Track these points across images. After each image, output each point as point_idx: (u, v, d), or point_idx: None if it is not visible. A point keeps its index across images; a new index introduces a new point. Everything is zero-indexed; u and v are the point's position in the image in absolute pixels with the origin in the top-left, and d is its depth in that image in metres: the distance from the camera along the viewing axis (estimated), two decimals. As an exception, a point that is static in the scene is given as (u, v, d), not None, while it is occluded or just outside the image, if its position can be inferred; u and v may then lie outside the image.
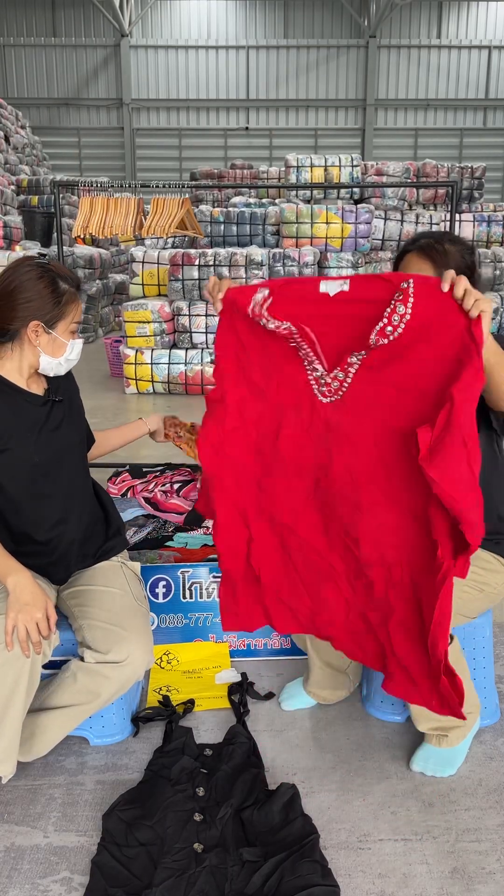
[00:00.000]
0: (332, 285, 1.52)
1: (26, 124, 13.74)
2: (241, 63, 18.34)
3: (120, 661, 1.75)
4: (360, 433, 1.55)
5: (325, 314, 1.54)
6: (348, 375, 1.54)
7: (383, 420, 1.53)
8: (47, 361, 1.82)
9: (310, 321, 1.55)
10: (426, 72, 18.45)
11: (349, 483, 1.57)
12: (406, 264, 1.80)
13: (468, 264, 1.78)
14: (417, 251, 1.78)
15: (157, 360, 6.55)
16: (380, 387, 1.51)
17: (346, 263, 7.29)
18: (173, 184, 4.85)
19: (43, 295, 1.76)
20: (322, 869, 1.51)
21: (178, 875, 1.49)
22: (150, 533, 2.58)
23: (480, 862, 1.59)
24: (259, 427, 1.65)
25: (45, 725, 1.78)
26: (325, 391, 1.58)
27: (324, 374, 1.57)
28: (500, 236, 8.70)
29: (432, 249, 1.76)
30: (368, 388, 1.53)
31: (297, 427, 1.61)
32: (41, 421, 1.85)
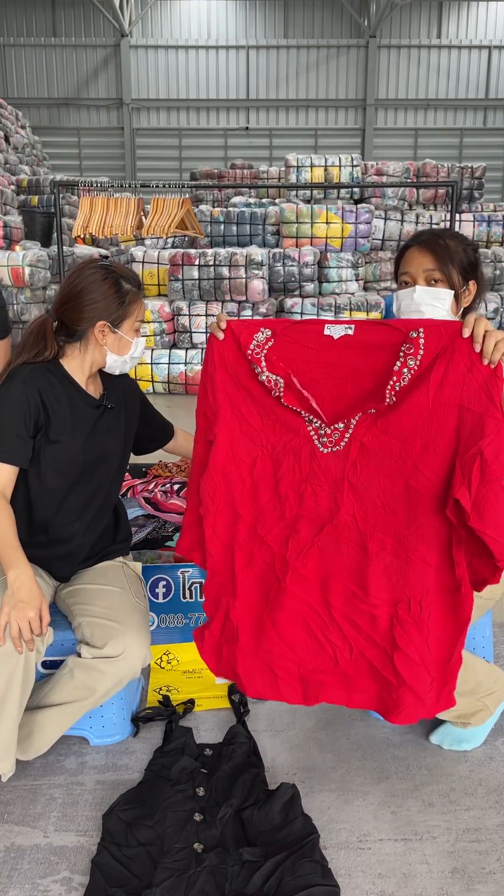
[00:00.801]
0: (337, 329, 1.54)
1: (26, 124, 13.72)
2: (241, 63, 18.33)
3: (115, 655, 1.76)
4: (365, 482, 1.54)
5: (325, 362, 1.54)
6: (349, 427, 1.54)
7: (386, 468, 1.52)
8: (114, 359, 1.88)
9: (309, 368, 1.54)
10: (426, 72, 18.43)
11: (356, 529, 1.56)
12: (408, 259, 1.79)
13: (470, 261, 1.77)
14: (419, 245, 1.78)
15: (157, 360, 6.55)
16: (381, 437, 1.51)
17: (346, 263, 7.29)
18: (173, 184, 4.86)
19: (108, 296, 1.83)
20: (322, 869, 1.51)
21: (178, 875, 1.49)
22: (150, 533, 2.58)
23: (480, 862, 1.59)
24: (254, 472, 1.61)
25: (42, 723, 1.78)
26: (326, 441, 1.56)
27: (322, 425, 1.56)
28: (500, 236, 8.71)
29: (433, 243, 1.75)
30: (370, 439, 1.52)
31: (297, 475, 1.58)
32: (92, 422, 1.90)
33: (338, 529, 1.57)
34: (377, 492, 1.54)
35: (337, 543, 1.57)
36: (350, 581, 1.57)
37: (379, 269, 8.17)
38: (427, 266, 1.74)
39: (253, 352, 1.57)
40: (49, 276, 6.76)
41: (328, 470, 1.56)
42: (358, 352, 1.53)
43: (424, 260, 1.75)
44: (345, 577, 1.57)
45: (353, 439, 1.54)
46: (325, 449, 1.57)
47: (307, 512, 1.58)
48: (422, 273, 1.75)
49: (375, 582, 1.54)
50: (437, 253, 1.74)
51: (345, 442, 1.54)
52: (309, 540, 1.58)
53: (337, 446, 1.55)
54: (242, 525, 1.62)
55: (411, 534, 1.52)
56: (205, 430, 1.65)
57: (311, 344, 1.55)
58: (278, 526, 1.61)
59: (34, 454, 1.82)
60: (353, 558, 1.56)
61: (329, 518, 1.57)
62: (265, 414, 1.59)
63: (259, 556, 1.63)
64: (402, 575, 1.54)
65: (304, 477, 1.57)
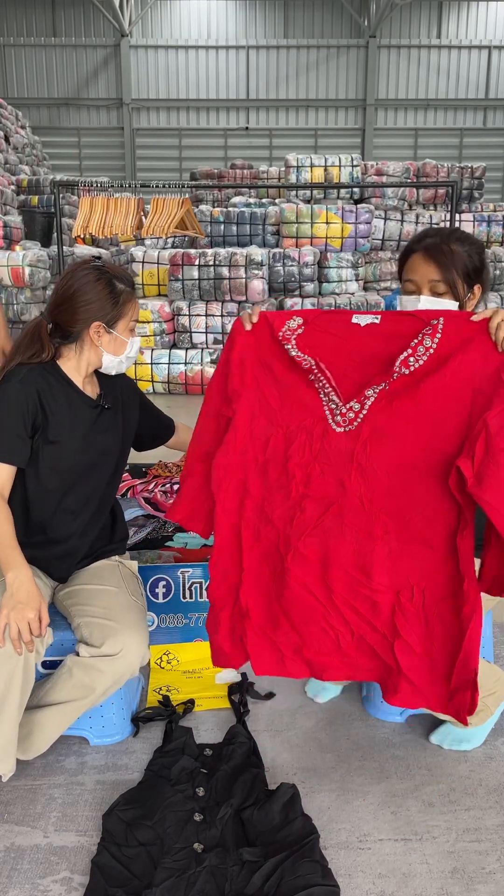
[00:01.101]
0: (365, 318, 1.60)
1: (26, 124, 13.72)
2: (241, 63, 18.33)
3: (113, 653, 1.76)
4: (374, 463, 1.55)
5: (350, 350, 1.59)
6: (364, 407, 1.56)
7: (397, 451, 1.54)
8: (110, 360, 1.88)
9: (334, 356, 1.59)
10: (426, 72, 18.43)
11: (362, 512, 1.56)
12: (411, 265, 1.78)
13: (475, 264, 1.75)
14: (423, 252, 1.75)
15: (157, 360, 6.55)
16: (395, 419, 1.54)
17: (346, 263, 7.29)
18: (173, 184, 4.86)
19: (102, 297, 1.83)
20: (322, 869, 1.51)
21: (178, 875, 1.49)
22: (150, 533, 2.58)
23: (480, 862, 1.59)
24: (266, 451, 1.63)
25: (42, 723, 1.78)
26: (340, 420, 1.59)
27: (339, 404, 1.59)
28: (500, 236, 8.71)
29: (438, 251, 1.73)
30: (383, 420, 1.54)
31: (307, 454, 1.60)
32: (90, 422, 1.90)
33: (343, 511, 1.57)
34: (385, 474, 1.54)
35: (341, 525, 1.57)
36: (352, 566, 1.57)
37: (379, 269, 8.17)
38: (432, 276, 1.72)
39: (284, 334, 1.63)
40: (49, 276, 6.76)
41: (339, 450, 1.57)
42: (380, 339, 1.57)
43: (429, 269, 1.73)
44: (347, 562, 1.57)
45: (366, 420, 1.56)
46: (338, 428, 1.58)
47: (314, 492, 1.59)
48: (426, 283, 1.73)
49: (378, 567, 1.54)
50: (441, 263, 1.71)
51: (358, 422, 1.57)
52: (314, 520, 1.59)
53: (350, 426, 1.57)
54: (250, 503, 1.64)
55: (417, 518, 1.53)
56: (218, 406, 1.67)
57: (339, 332, 1.60)
58: (284, 505, 1.61)
59: (32, 454, 1.82)
60: (356, 541, 1.56)
61: (335, 499, 1.57)
62: (285, 394, 1.63)
63: (265, 535, 1.64)
64: (405, 561, 1.54)
65: (314, 456, 1.58)
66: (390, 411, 1.54)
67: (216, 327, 6.54)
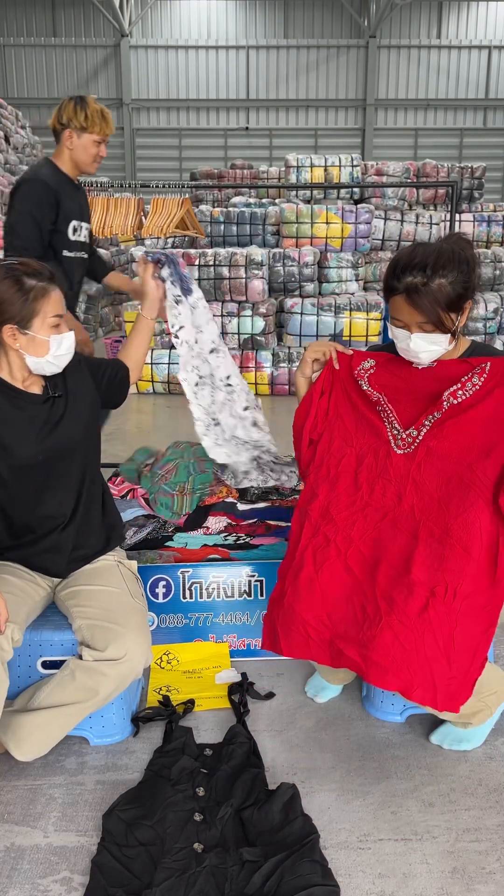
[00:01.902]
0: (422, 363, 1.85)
1: (26, 124, 13.71)
2: (241, 63, 18.33)
3: (118, 658, 1.76)
4: (425, 479, 1.81)
5: (409, 389, 1.88)
6: (420, 433, 1.83)
7: (444, 468, 1.79)
8: (34, 362, 1.81)
9: (396, 392, 1.89)
10: (426, 72, 18.44)
11: (411, 518, 1.80)
12: (395, 306, 1.75)
13: (459, 293, 1.70)
14: (405, 296, 1.71)
15: (157, 360, 6.55)
16: (444, 441, 1.80)
17: (346, 263, 7.28)
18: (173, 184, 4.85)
19: (8, 297, 1.73)
20: (322, 869, 1.51)
21: (178, 875, 1.49)
22: (150, 533, 2.58)
23: (480, 862, 1.59)
24: (340, 466, 1.92)
25: (44, 724, 1.78)
26: (401, 444, 1.86)
27: (400, 430, 1.87)
28: (500, 236, 8.70)
29: (418, 295, 1.68)
30: (435, 443, 1.81)
31: (374, 471, 1.88)
32: (42, 418, 1.86)
33: (398, 518, 1.82)
34: (435, 487, 1.79)
35: (394, 529, 1.81)
36: (398, 563, 1.76)
37: (379, 269, 8.16)
38: (418, 319, 1.72)
39: (359, 372, 1.94)
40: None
41: (398, 468, 1.85)
42: (435, 380, 1.83)
43: (413, 313, 1.71)
44: (394, 559, 1.77)
45: (422, 444, 1.82)
46: (399, 451, 1.85)
47: (375, 501, 1.85)
48: (414, 324, 1.74)
49: (419, 564, 1.72)
50: (424, 308, 1.69)
51: (415, 445, 1.83)
52: (373, 524, 1.84)
53: (409, 448, 1.84)
54: (316, 504, 1.90)
55: (458, 524, 1.73)
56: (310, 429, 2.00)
57: (402, 374, 1.89)
58: (349, 510, 1.87)
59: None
60: (404, 543, 1.78)
61: (392, 508, 1.83)
62: (359, 421, 1.93)
63: (324, 531, 1.87)
64: (443, 561, 1.71)
65: (379, 473, 1.87)
66: (441, 436, 1.80)
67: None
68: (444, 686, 1.65)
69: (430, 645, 1.65)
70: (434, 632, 1.65)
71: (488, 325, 7.05)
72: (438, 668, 1.65)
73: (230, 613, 2.38)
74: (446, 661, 1.65)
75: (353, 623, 1.76)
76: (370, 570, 1.79)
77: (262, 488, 2.77)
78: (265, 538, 2.54)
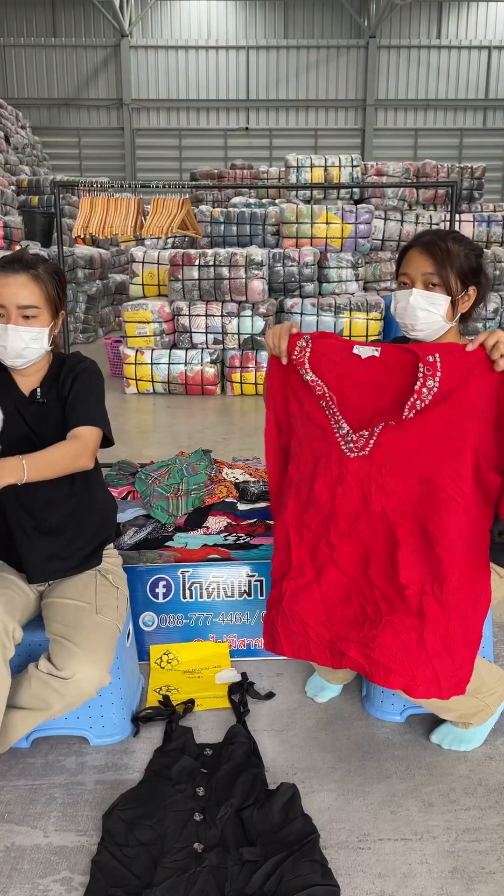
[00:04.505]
0: (365, 350, 1.72)
1: (26, 124, 13.73)
2: (241, 63, 18.33)
3: (66, 678, 1.70)
4: (390, 480, 1.70)
5: (354, 377, 1.72)
6: (373, 435, 1.69)
7: (409, 468, 1.68)
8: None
9: (341, 384, 1.73)
10: (426, 72, 18.44)
11: (385, 520, 1.71)
12: (408, 260, 1.79)
13: (472, 266, 1.75)
14: (420, 247, 1.76)
15: (157, 360, 6.55)
16: (404, 443, 1.67)
17: (346, 263, 7.28)
18: (173, 184, 4.85)
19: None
20: (322, 869, 1.51)
21: (178, 875, 1.49)
22: (150, 533, 2.58)
23: (480, 862, 1.59)
24: (299, 471, 1.82)
25: (7, 722, 1.74)
26: (353, 447, 1.72)
27: (349, 431, 1.72)
28: (500, 236, 8.70)
29: (434, 246, 1.74)
30: (393, 445, 1.68)
31: (329, 477, 1.75)
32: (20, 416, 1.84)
33: (371, 520, 1.73)
34: (402, 488, 1.69)
35: (371, 532, 1.73)
36: (386, 565, 1.72)
37: (379, 269, 8.17)
38: (426, 269, 1.74)
39: (297, 358, 1.75)
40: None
41: (356, 473, 1.71)
42: (382, 371, 1.70)
43: (424, 263, 1.74)
44: (382, 562, 1.73)
45: (377, 445, 1.69)
46: (351, 454, 1.72)
47: (341, 507, 1.75)
48: (420, 276, 1.75)
49: (405, 563, 1.68)
50: (436, 257, 1.73)
51: (370, 447, 1.70)
52: (347, 528, 1.75)
53: (363, 451, 1.71)
54: (290, 512, 1.83)
55: (435, 523, 1.66)
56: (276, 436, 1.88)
57: (343, 361, 1.73)
58: (319, 516, 1.78)
59: None
60: (386, 544, 1.72)
61: (361, 511, 1.73)
62: (307, 420, 1.78)
63: (307, 538, 1.81)
64: (427, 559, 1.68)
65: (336, 478, 1.74)
66: (399, 436, 1.67)
67: (216, 327, 6.54)
68: (448, 678, 1.67)
69: (430, 642, 1.66)
70: (432, 629, 1.66)
71: (488, 324, 7.06)
72: (440, 664, 1.66)
73: (230, 613, 2.38)
74: (448, 655, 1.66)
75: (353, 624, 1.76)
76: (362, 571, 1.76)
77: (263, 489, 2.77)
78: (265, 538, 2.54)
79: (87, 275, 9.20)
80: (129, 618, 2.06)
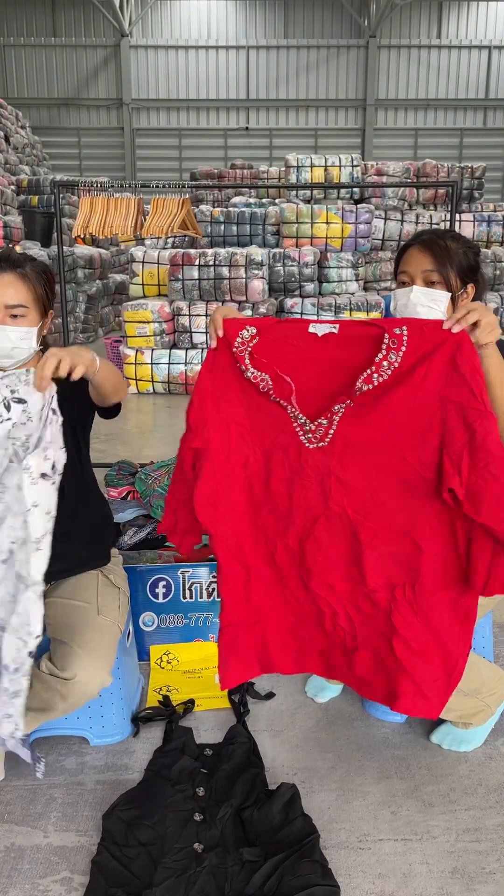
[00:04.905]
0: (322, 327, 1.55)
1: (26, 124, 13.72)
2: (241, 63, 18.33)
3: (68, 678, 1.69)
4: (351, 474, 1.56)
5: (309, 358, 1.55)
6: (333, 423, 1.55)
7: (371, 461, 1.55)
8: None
9: (293, 367, 1.56)
10: (426, 72, 18.44)
11: (346, 520, 1.59)
12: (407, 258, 1.79)
13: (470, 264, 1.76)
14: (419, 245, 1.77)
15: (157, 360, 6.55)
16: (365, 431, 1.53)
17: (346, 263, 7.29)
18: (173, 184, 4.85)
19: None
20: (322, 869, 1.51)
21: (178, 875, 1.49)
22: (150, 533, 2.58)
23: (480, 862, 1.59)
24: (247, 469, 1.63)
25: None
26: (312, 438, 1.58)
27: (307, 422, 1.58)
28: (500, 236, 8.70)
29: (434, 244, 1.74)
30: (355, 433, 1.54)
31: (288, 471, 1.60)
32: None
33: (330, 520, 1.60)
34: (364, 483, 1.56)
35: (330, 534, 1.60)
36: (350, 567, 1.60)
37: (379, 269, 8.17)
38: (425, 267, 1.74)
39: (238, 349, 1.58)
40: (49, 276, 6.74)
41: (315, 465, 1.58)
42: (339, 348, 1.54)
43: (423, 260, 1.74)
44: (345, 564, 1.61)
45: (337, 435, 1.55)
46: (310, 445, 1.58)
47: (298, 505, 1.61)
48: (420, 273, 1.75)
49: (371, 568, 1.57)
50: (436, 254, 1.73)
51: (329, 438, 1.56)
52: (305, 530, 1.61)
53: (322, 442, 1.57)
54: (242, 518, 1.65)
55: (401, 521, 1.55)
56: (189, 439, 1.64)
57: (296, 341, 1.57)
58: (273, 517, 1.64)
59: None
60: (348, 548, 1.60)
61: (321, 511, 1.60)
62: (253, 412, 1.61)
63: (263, 545, 1.66)
64: (395, 560, 1.57)
65: (294, 473, 1.60)
66: (360, 424, 1.53)
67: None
68: (429, 686, 1.57)
69: (403, 649, 1.56)
70: (405, 635, 1.56)
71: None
72: (418, 670, 1.56)
73: (230, 613, 2.38)
74: (426, 662, 1.56)
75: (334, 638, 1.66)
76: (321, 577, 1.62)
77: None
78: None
79: (87, 275, 9.20)
80: (129, 618, 2.07)
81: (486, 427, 1.43)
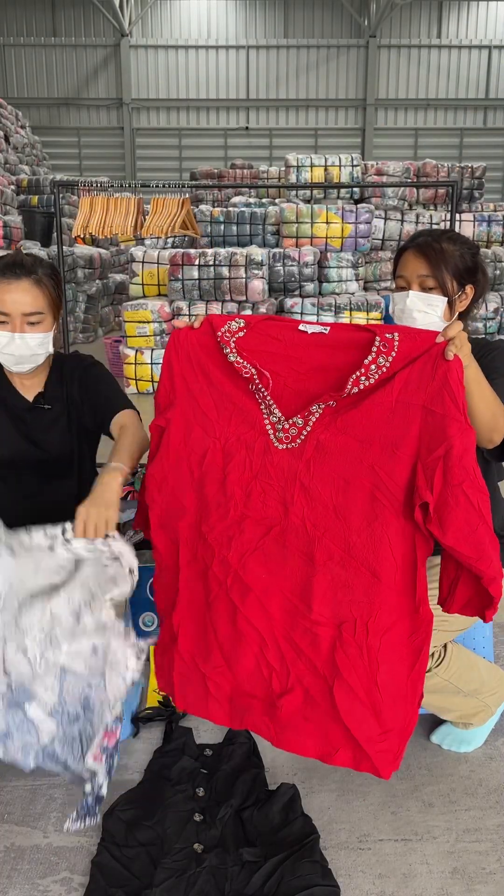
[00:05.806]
0: (312, 327, 1.50)
1: (26, 124, 13.72)
2: (241, 63, 18.34)
3: None
4: (317, 483, 1.43)
5: (293, 356, 1.48)
6: (308, 423, 1.45)
7: (341, 470, 1.42)
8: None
9: (275, 363, 1.48)
10: (426, 72, 18.44)
11: (303, 535, 1.43)
12: (404, 262, 1.78)
13: (468, 266, 1.75)
14: (414, 248, 1.76)
15: (156, 360, 6.54)
16: (339, 436, 1.42)
17: (346, 263, 7.29)
18: (173, 184, 4.85)
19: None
20: (322, 869, 1.51)
21: (178, 875, 1.49)
22: (150, 533, 2.58)
23: (480, 862, 1.59)
24: (203, 464, 1.50)
25: None
26: (283, 437, 1.46)
27: (281, 419, 1.47)
28: (500, 236, 8.70)
29: (429, 248, 1.73)
30: (328, 437, 1.43)
31: (247, 472, 1.47)
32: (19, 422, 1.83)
33: (285, 533, 1.44)
34: (329, 494, 1.42)
35: (283, 549, 1.44)
36: (293, 594, 1.43)
37: (379, 269, 8.17)
38: (421, 272, 1.73)
39: (223, 336, 1.51)
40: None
41: (280, 468, 1.45)
42: (327, 349, 1.47)
43: (419, 265, 1.73)
44: (288, 589, 1.43)
45: (309, 437, 1.44)
46: (280, 445, 1.46)
47: (253, 512, 1.46)
48: (416, 278, 1.74)
49: (319, 596, 1.40)
50: (430, 258, 1.72)
51: (301, 439, 1.45)
52: (253, 543, 1.45)
53: (293, 443, 1.45)
54: (187, 519, 1.51)
55: (362, 542, 1.39)
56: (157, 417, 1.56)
57: (282, 338, 1.50)
58: (221, 524, 1.47)
59: None
60: (298, 567, 1.43)
61: (277, 521, 1.45)
62: (222, 404, 1.50)
63: (201, 555, 1.50)
64: (348, 590, 1.40)
65: (255, 474, 1.46)
66: (335, 429, 1.42)
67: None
68: (376, 743, 1.39)
69: (345, 697, 1.38)
70: (349, 680, 1.38)
71: (488, 324, 7.06)
72: (362, 723, 1.39)
73: (230, 613, 2.37)
74: (371, 712, 1.38)
75: (257, 676, 1.46)
76: (259, 602, 1.43)
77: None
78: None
79: (87, 274, 9.20)
80: (129, 618, 2.06)
81: (464, 443, 1.34)
